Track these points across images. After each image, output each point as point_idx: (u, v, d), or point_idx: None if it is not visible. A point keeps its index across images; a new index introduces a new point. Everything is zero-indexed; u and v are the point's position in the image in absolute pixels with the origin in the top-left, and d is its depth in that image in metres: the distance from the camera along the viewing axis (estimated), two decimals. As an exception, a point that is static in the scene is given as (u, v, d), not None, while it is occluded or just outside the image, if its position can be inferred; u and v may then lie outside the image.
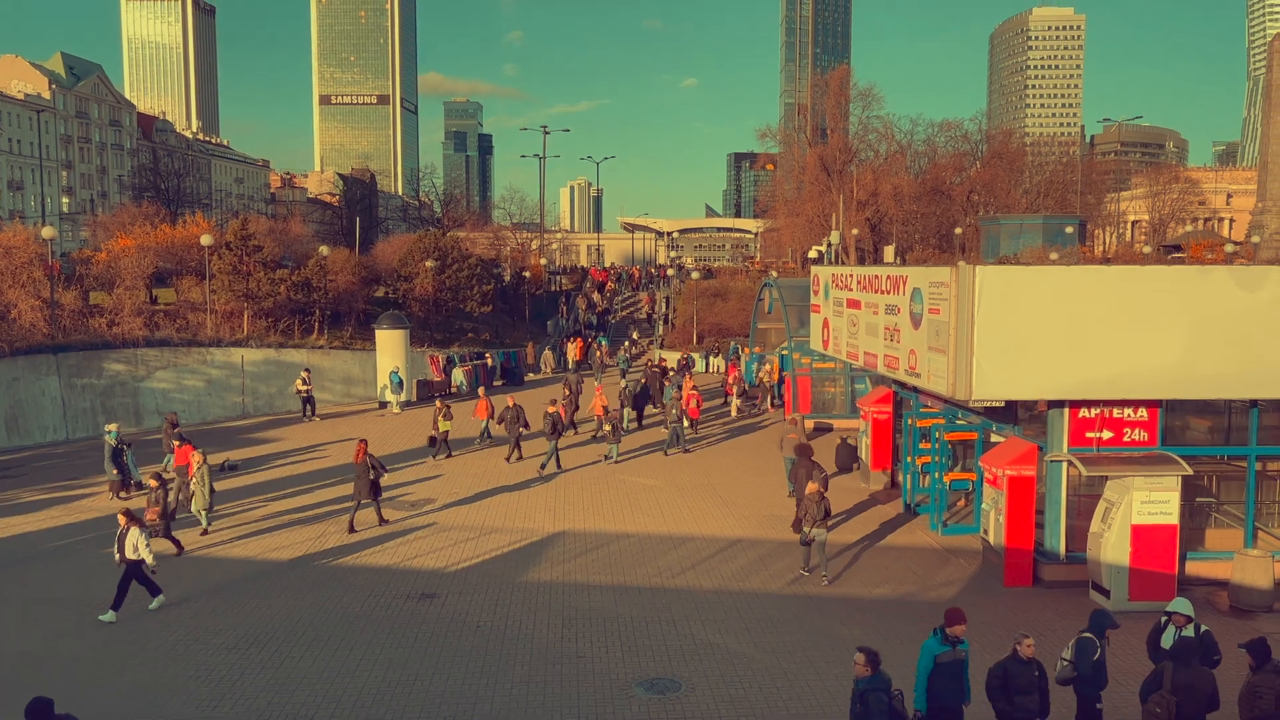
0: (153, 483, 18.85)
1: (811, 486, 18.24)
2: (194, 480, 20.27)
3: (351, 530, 20.17)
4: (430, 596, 16.47)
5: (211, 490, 20.43)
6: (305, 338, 43.49)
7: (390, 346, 37.73)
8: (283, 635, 14.80)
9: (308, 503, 22.72)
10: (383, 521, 20.79)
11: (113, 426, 23.83)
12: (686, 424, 29.59)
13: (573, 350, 50.66)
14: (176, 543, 18.84)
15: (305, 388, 34.22)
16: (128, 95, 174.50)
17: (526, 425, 26.99)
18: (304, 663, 13.83)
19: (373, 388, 38.86)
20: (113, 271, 45.01)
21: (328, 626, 15.14)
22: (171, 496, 19.83)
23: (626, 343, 59.31)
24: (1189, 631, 11.15)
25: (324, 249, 50.04)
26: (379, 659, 13.93)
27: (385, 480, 21.59)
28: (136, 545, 15.63)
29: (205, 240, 42.11)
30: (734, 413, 34.85)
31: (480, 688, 13.04)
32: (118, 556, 15.77)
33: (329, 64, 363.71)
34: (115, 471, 23.05)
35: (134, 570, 15.78)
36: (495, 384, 43.49)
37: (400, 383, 36.18)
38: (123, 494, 23.03)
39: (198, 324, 40.53)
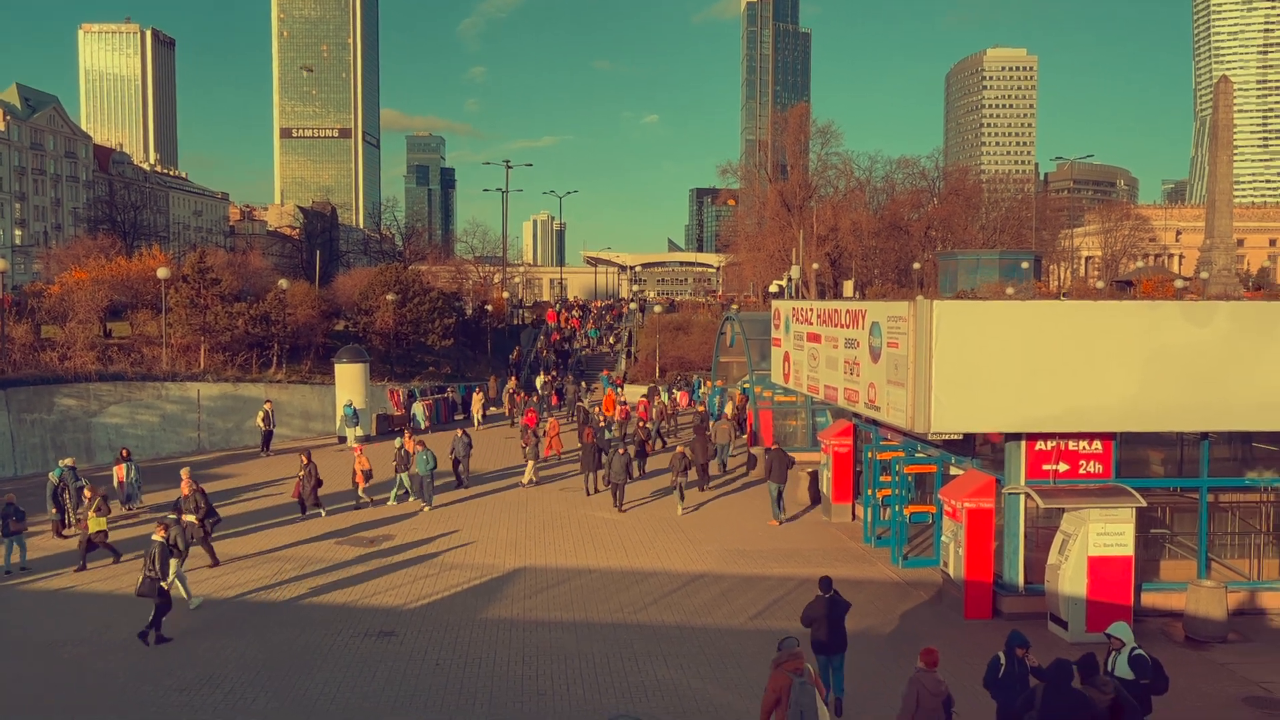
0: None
1: (680, 449, 26.21)
2: None
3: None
4: (389, 634, 16.22)
5: None
6: (264, 372, 42.94)
7: (350, 381, 37.40)
8: (237, 675, 14.48)
9: (263, 540, 22.34)
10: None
11: (68, 461, 23.40)
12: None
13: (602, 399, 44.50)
14: None
15: (266, 427, 33.84)
16: (84, 127, 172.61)
17: (214, 519, 20.71)
18: (259, 703, 13.54)
19: (332, 422, 38.46)
20: (66, 305, 44.27)
21: (284, 666, 14.84)
22: None
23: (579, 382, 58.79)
24: (1122, 656, 11.27)
25: (283, 282, 49.53)
26: (336, 699, 13.67)
27: (356, 518, 21.21)
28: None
29: (161, 273, 41.54)
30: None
31: (439, 727, 12.83)
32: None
33: (290, 97, 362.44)
34: (54, 510, 22.59)
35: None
36: (456, 418, 43.26)
37: (354, 415, 35.82)
38: (65, 532, 22.54)
39: (153, 358, 39.90)
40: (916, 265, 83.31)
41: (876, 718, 13.06)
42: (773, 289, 71.77)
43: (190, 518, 19.77)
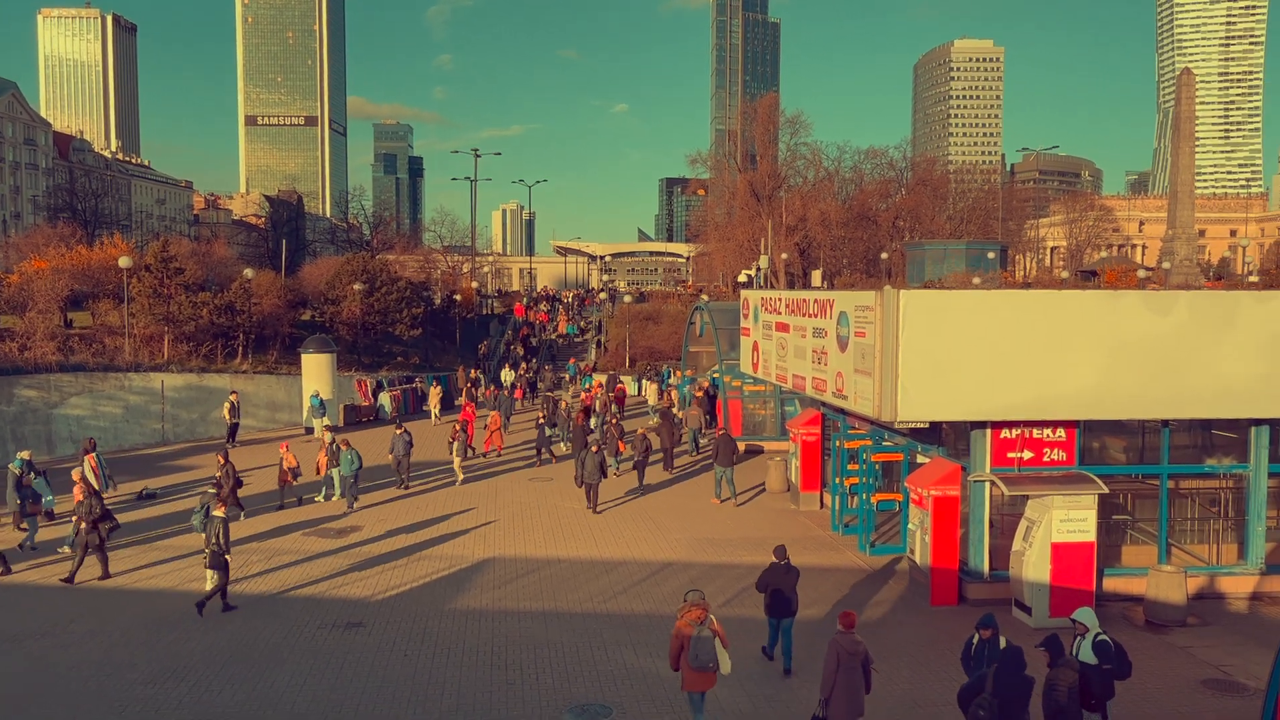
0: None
1: (641, 430, 27.47)
2: None
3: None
4: (357, 625, 16.14)
5: None
6: (229, 362, 42.51)
7: (317, 371, 37.10)
8: (202, 667, 14.36)
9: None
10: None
11: (25, 454, 23.05)
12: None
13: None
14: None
15: (231, 419, 33.52)
16: (44, 114, 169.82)
17: (110, 523, 19.22)
18: (224, 695, 13.43)
19: (299, 413, 38.14)
20: (25, 294, 43.55)
21: (250, 658, 14.73)
22: None
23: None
24: (1086, 641, 11.44)
25: (249, 272, 48.98)
26: (303, 690, 13.59)
27: (308, 511, 21.04)
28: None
29: (124, 262, 40.92)
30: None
31: (408, 717, 12.80)
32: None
33: (255, 84, 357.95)
34: (18, 501, 22.27)
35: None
36: (425, 408, 43.02)
37: (321, 406, 35.55)
38: (23, 525, 22.22)
39: (115, 348, 39.37)
40: (884, 255, 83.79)
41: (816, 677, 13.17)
42: (742, 279, 71.91)
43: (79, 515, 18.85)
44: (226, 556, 16.66)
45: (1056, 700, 10.35)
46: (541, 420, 31.45)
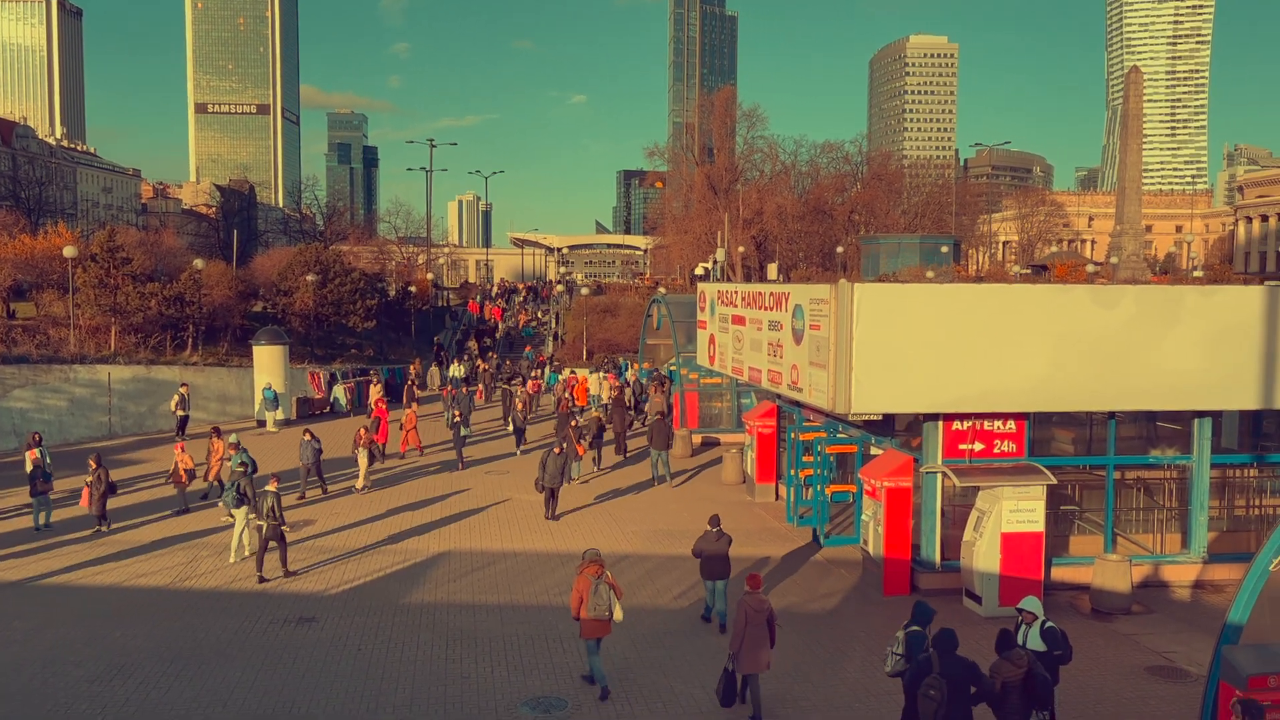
0: None
1: (594, 412, 30.46)
2: None
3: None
4: (309, 620, 15.97)
5: None
6: (178, 354, 41.81)
7: (269, 363, 36.62)
8: (150, 664, 14.12)
9: (177, 525, 21.79)
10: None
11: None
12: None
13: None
14: None
15: (181, 412, 32.96)
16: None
17: None
18: (173, 693, 13.22)
19: (250, 406, 37.63)
20: (-34, 284, 42.45)
21: (199, 653, 14.51)
22: None
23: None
24: (1036, 629, 11.59)
25: (199, 262, 48.07)
26: (254, 686, 13.42)
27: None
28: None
29: (68, 252, 40.05)
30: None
31: (361, 713, 12.69)
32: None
33: (205, 71, 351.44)
34: None
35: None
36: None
37: (274, 399, 35.12)
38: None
39: (60, 340, 38.51)
40: (840, 249, 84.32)
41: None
42: (699, 271, 72.04)
43: None
44: (284, 528, 18.16)
45: (989, 689, 10.44)
46: (457, 419, 29.64)
